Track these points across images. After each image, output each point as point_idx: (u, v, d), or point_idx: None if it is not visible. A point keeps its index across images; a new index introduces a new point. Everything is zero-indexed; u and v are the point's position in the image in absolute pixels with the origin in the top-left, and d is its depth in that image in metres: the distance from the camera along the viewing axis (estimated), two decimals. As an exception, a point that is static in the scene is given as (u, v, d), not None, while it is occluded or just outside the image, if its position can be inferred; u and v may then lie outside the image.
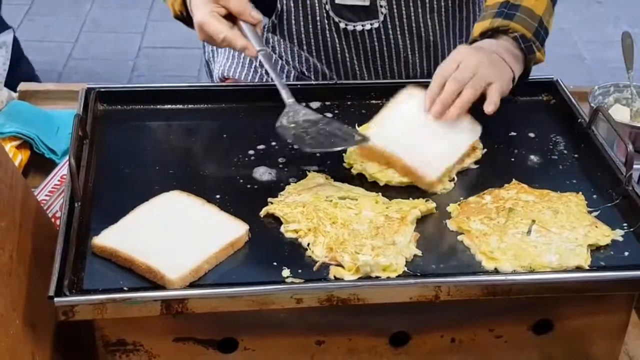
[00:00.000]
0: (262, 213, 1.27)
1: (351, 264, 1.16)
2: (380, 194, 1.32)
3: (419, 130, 1.42)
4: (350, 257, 1.17)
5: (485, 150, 1.45)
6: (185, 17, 1.54)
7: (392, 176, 1.36)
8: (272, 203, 1.28)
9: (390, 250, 1.18)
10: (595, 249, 1.23)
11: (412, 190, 1.34)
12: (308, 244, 1.21)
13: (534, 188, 1.35)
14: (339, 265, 1.17)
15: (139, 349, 1.16)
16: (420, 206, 1.28)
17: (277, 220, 1.26)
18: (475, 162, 1.43)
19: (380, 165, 1.37)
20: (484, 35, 1.52)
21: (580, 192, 1.34)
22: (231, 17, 1.43)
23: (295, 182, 1.35)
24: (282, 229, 1.24)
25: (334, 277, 1.16)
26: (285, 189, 1.33)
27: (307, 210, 1.25)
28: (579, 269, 1.19)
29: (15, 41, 3.39)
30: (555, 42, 1.89)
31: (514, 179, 1.37)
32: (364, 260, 1.16)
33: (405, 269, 1.17)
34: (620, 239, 1.26)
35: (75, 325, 1.13)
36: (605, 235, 1.25)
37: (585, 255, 1.21)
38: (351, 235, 1.21)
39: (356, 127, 1.44)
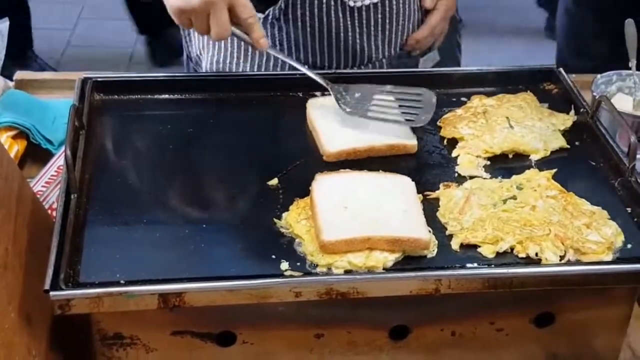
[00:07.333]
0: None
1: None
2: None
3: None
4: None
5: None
6: None
7: None
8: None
9: None
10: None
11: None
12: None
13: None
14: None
15: (136, 343, 1.15)
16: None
17: (272, 212, 1.25)
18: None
19: None
20: None
21: (529, 91, 1.53)
22: None
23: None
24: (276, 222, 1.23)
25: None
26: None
27: None
28: (577, 263, 1.18)
29: None
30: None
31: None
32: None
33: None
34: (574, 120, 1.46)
35: (71, 319, 1.12)
36: (566, 119, 1.46)
37: (562, 138, 1.42)
38: None
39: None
